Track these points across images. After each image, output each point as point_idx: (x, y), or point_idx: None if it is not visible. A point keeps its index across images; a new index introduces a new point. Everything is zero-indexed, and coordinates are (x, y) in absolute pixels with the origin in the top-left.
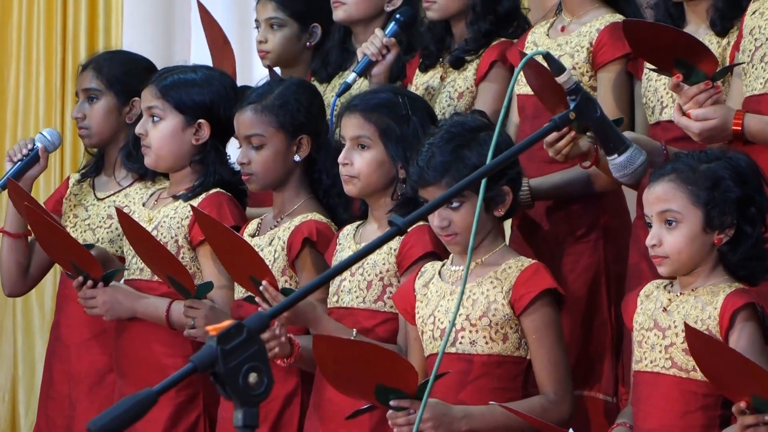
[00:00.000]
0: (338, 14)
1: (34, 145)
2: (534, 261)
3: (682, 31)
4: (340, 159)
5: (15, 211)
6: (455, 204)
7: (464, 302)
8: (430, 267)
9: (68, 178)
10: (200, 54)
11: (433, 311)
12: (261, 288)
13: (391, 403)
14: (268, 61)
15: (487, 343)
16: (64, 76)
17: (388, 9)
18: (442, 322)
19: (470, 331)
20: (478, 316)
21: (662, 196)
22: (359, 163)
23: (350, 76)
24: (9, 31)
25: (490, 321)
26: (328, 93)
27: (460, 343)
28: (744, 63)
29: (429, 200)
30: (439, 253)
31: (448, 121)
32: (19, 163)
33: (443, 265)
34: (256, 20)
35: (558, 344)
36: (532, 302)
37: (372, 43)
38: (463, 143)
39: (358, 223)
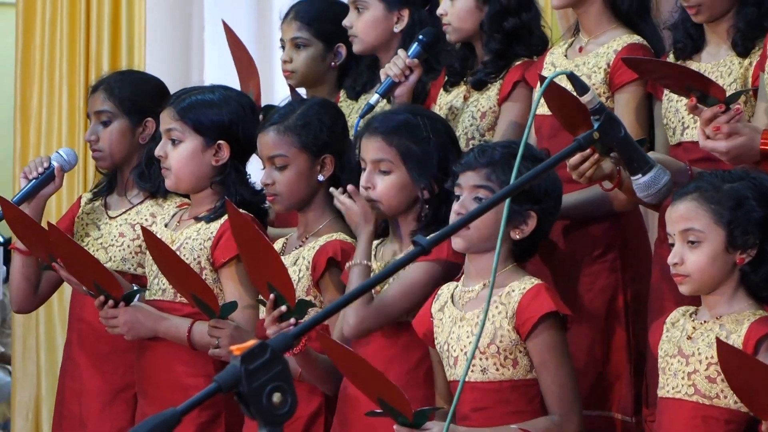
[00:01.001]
0: (355, 47)
1: (50, 163)
2: (536, 282)
3: (681, 66)
4: (362, 183)
5: (4, 216)
6: (476, 203)
7: (471, 329)
8: (446, 289)
9: (80, 198)
10: (216, 74)
11: (446, 338)
12: (284, 309)
13: (395, 428)
14: (292, 80)
15: (497, 369)
16: (88, 96)
17: (397, 29)
18: (454, 350)
19: (480, 359)
20: (486, 344)
21: (685, 215)
22: (381, 187)
23: (373, 97)
24: (32, 51)
25: (498, 348)
26: (356, 113)
27: (472, 371)
28: (753, 89)
29: (462, 188)
30: (452, 261)
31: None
32: (34, 181)
33: (456, 287)
34: (281, 40)
35: (563, 366)
36: (535, 326)
37: (395, 64)
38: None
39: (377, 242)
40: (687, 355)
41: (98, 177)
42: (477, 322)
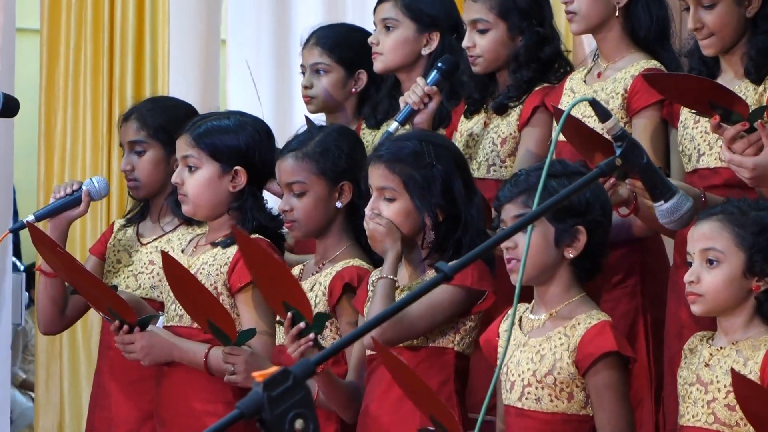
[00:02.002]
0: (377, 65)
1: (80, 188)
2: (602, 318)
3: (704, 78)
4: (368, 209)
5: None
6: (523, 234)
7: (533, 356)
8: (516, 312)
9: (113, 224)
10: (239, 100)
11: (507, 361)
12: (303, 326)
13: None
14: (313, 106)
15: (552, 401)
16: (111, 123)
17: (425, 52)
18: (512, 374)
19: (536, 388)
20: (544, 374)
21: (707, 234)
22: (386, 214)
23: (392, 125)
24: (56, 78)
25: (555, 379)
26: (377, 141)
27: (526, 398)
28: None
29: (504, 220)
30: (476, 288)
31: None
32: (60, 200)
33: (525, 311)
34: (302, 65)
35: (620, 407)
36: (594, 363)
37: (414, 92)
38: (553, 174)
39: None
40: (705, 383)
41: (121, 205)
42: (539, 350)
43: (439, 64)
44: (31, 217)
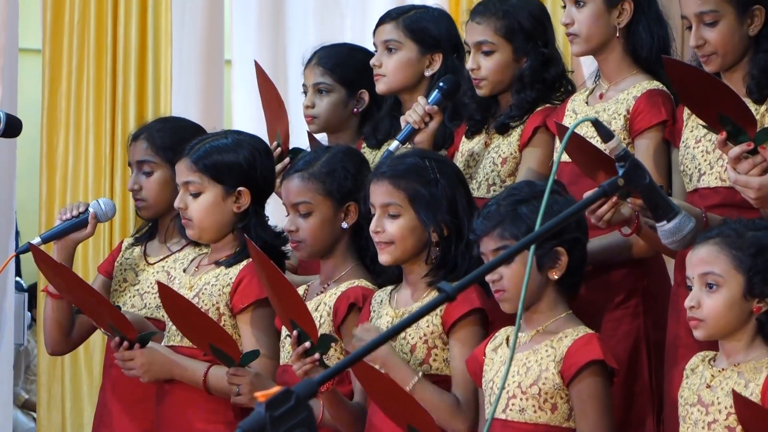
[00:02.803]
0: (380, 86)
1: (87, 209)
2: (589, 332)
3: (723, 83)
4: (372, 227)
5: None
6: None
7: (518, 369)
8: (503, 332)
9: (122, 243)
10: (242, 120)
11: (493, 376)
12: (308, 345)
13: None
14: (314, 126)
15: (535, 411)
16: (114, 143)
17: (428, 73)
18: (497, 387)
19: (520, 399)
20: (528, 384)
21: (705, 259)
22: (391, 231)
23: (393, 144)
24: (59, 98)
25: (540, 390)
26: (378, 160)
27: (510, 409)
28: None
29: (484, 253)
30: (486, 309)
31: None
32: (67, 222)
33: (512, 330)
34: (303, 85)
35: (602, 417)
36: (579, 372)
37: (415, 111)
38: (523, 200)
39: (391, 288)
40: (706, 404)
41: (123, 224)
42: (525, 363)
43: (441, 84)
44: (37, 239)
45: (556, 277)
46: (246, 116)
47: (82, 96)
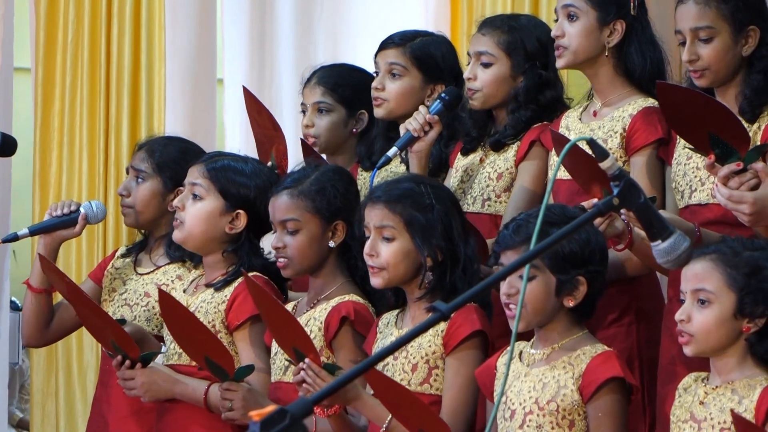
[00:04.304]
0: (379, 111)
1: (78, 209)
2: (608, 349)
3: (715, 100)
4: (366, 250)
5: (40, 266)
6: (520, 282)
7: (535, 385)
8: (516, 347)
9: (115, 251)
10: (236, 140)
11: (506, 391)
12: (304, 366)
13: None
14: (316, 147)
15: (552, 428)
16: (107, 162)
17: (428, 103)
18: (513, 403)
19: (537, 415)
20: (546, 400)
21: (699, 274)
22: (385, 254)
23: (391, 150)
24: (51, 117)
25: (558, 406)
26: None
27: (528, 426)
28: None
29: (503, 265)
30: (486, 332)
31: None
32: (57, 219)
33: (524, 347)
34: (302, 104)
35: None
36: (599, 388)
37: (415, 119)
38: (554, 222)
39: (398, 311)
40: (699, 420)
41: (117, 235)
42: (541, 379)
43: (443, 95)
44: (25, 231)
45: (571, 305)
46: (237, 136)
47: (75, 115)
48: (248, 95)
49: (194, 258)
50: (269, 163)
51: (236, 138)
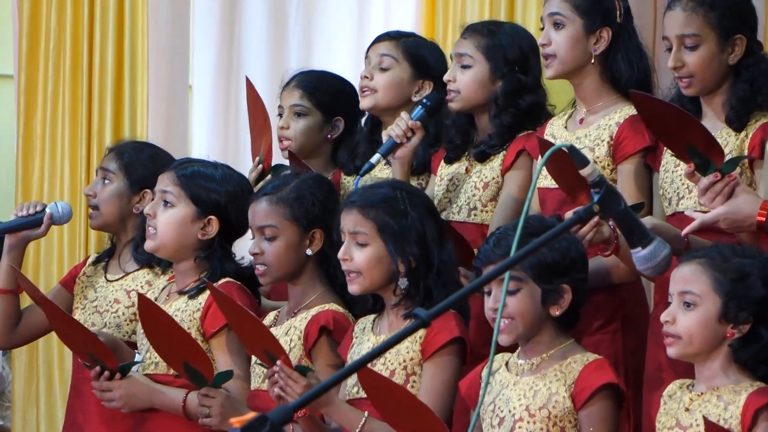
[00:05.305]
0: (366, 102)
1: (44, 209)
2: (599, 357)
3: (690, 116)
4: (340, 254)
5: (7, 267)
6: (512, 288)
7: (525, 393)
8: (500, 358)
9: (86, 259)
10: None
11: (494, 399)
12: (276, 368)
13: None
14: (286, 145)
15: None
16: (89, 170)
17: (415, 99)
18: (501, 410)
19: (528, 422)
20: (538, 407)
21: (687, 277)
22: (359, 259)
23: (374, 156)
24: (34, 124)
25: (549, 413)
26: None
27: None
28: (749, 157)
29: (490, 282)
30: (465, 338)
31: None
32: (22, 219)
33: (510, 357)
34: (280, 106)
35: None
36: (592, 396)
37: (397, 125)
38: (534, 233)
39: (374, 316)
40: (684, 427)
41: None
42: (532, 387)
43: (424, 100)
44: None
45: (557, 313)
46: (205, 142)
47: (58, 122)
48: (250, 87)
49: (162, 263)
50: (257, 158)
51: (203, 144)
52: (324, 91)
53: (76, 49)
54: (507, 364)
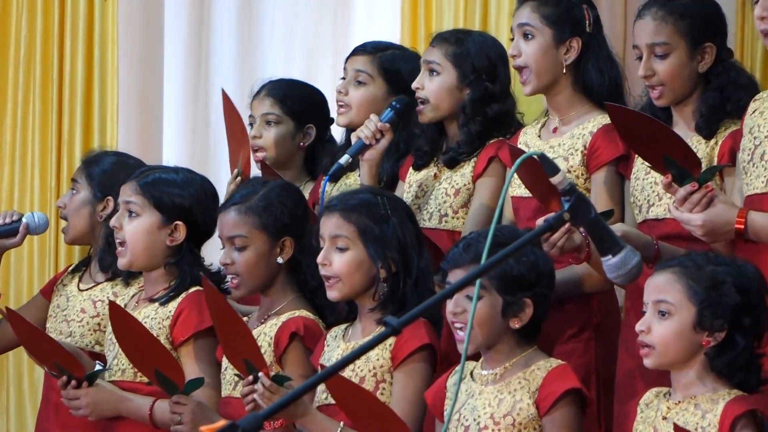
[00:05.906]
0: (342, 120)
1: (20, 219)
2: (562, 362)
3: (662, 124)
4: (319, 259)
5: None
6: (469, 301)
7: (490, 401)
8: (467, 366)
9: (67, 267)
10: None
11: (459, 408)
12: (258, 384)
13: None
14: (260, 156)
15: None
16: (59, 178)
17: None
18: (466, 419)
19: (493, 430)
20: (502, 415)
21: (661, 286)
22: (338, 264)
23: (343, 157)
24: (3, 132)
25: (514, 420)
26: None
27: None
28: (728, 165)
29: (450, 283)
30: (435, 345)
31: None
32: None
33: (474, 367)
34: (251, 116)
35: None
36: (557, 401)
37: (366, 127)
38: (504, 243)
39: (347, 324)
40: None
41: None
42: (497, 395)
43: (394, 103)
44: None
45: (516, 326)
46: (175, 149)
47: (28, 130)
48: (226, 99)
49: (123, 275)
50: (236, 170)
51: (175, 151)
52: (294, 99)
53: (46, 57)
54: (472, 373)
